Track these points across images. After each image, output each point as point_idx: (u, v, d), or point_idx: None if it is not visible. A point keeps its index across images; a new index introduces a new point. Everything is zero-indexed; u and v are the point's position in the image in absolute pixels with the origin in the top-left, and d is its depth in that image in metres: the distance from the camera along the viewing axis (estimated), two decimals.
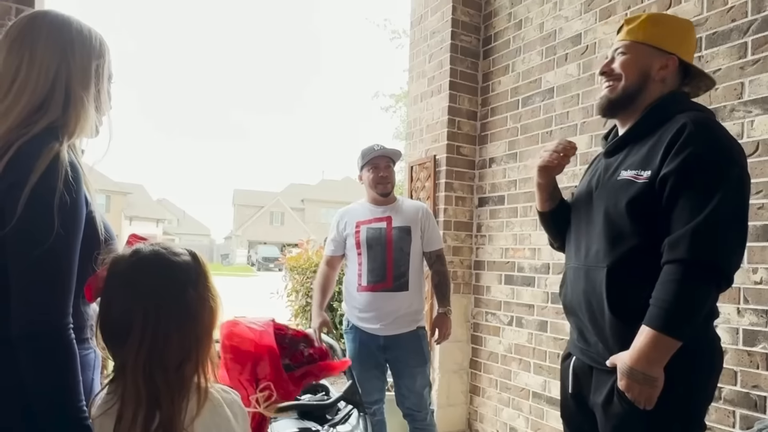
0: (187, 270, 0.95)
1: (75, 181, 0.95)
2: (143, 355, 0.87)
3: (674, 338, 1.14)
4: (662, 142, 1.23)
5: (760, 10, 1.98)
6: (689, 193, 1.16)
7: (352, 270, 2.50)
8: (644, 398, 1.19)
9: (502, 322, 3.14)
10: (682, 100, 1.34)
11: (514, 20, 3.18)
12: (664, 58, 1.33)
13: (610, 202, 1.31)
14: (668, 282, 1.15)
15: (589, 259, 1.36)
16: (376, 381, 2.48)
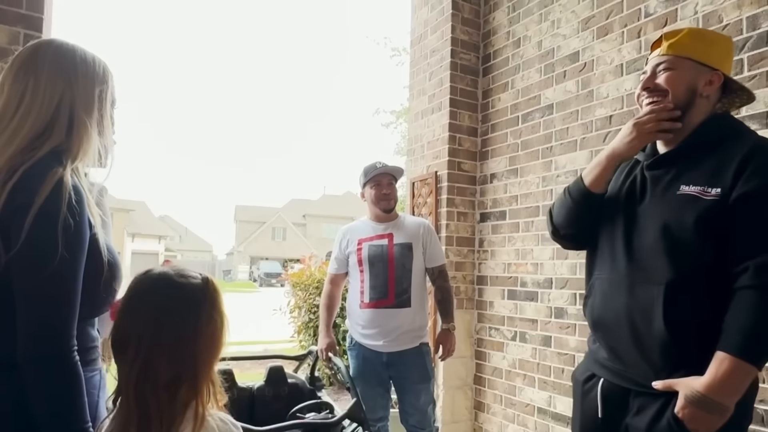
0: (191, 292, 0.95)
1: (78, 204, 0.96)
2: (136, 370, 0.88)
3: (755, 366, 1.11)
4: (731, 160, 1.18)
5: (756, 27, 2.01)
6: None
7: (355, 287, 2.51)
8: (706, 428, 1.14)
9: (505, 338, 3.13)
10: (733, 119, 1.32)
11: (513, 38, 3.23)
12: (710, 74, 1.28)
13: (672, 216, 1.23)
14: (751, 307, 1.11)
15: (636, 273, 1.27)
16: (380, 398, 2.47)
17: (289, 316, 5.42)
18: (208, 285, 0.98)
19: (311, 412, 2.02)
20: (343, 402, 4.06)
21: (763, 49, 1.98)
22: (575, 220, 1.45)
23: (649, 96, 1.33)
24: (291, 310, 5.40)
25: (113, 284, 1.08)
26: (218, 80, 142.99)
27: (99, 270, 1.02)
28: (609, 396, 1.33)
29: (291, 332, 5.48)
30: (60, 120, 1.02)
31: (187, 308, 0.94)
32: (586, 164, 2.66)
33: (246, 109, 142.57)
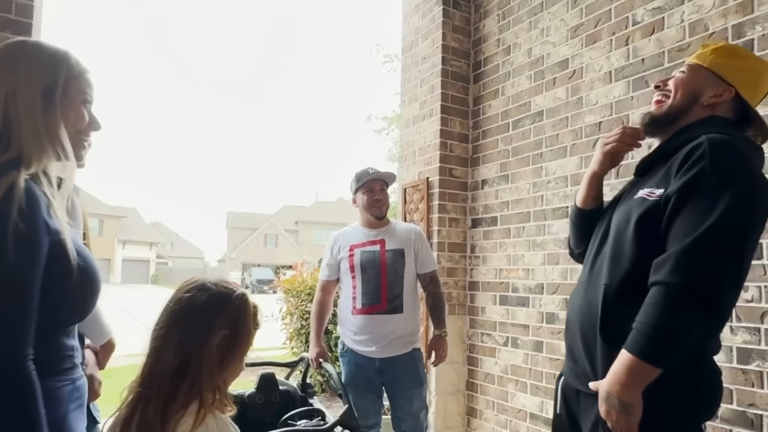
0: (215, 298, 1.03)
1: (31, 208, 0.93)
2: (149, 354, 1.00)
3: (651, 364, 1.08)
4: (678, 160, 1.18)
5: (741, 35, 2.05)
6: (686, 212, 1.11)
7: (347, 293, 2.51)
8: (624, 427, 1.13)
9: (497, 343, 3.14)
10: (716, 122, 1.26)
11: (503, 46, 3.26)
12: (721, 88, 1.28)
13: (623, 218, 1.27)
14: (650, 305, 1.10)
15: (593, 274, 1.32)
16: (372, 405, 2.46)
17: (281, 323, 5.39)
18: (236, 297, 1.05)
19: (303, 419, 2.01)
20: (335, 409, 4.04)
21: None
22: (580, 238, 1.51)
23: (657, 93, 1.37)
24: (283, 317, 5.37)
25: (87, 289, 1.05)
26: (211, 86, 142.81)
27: (67, 276, 0.98)
28: (566, 395, 1.38)
29: (283, 339, 5.45)
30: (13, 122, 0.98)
31: (205, 310, 1.01)
32: (576, 170, 2.70)
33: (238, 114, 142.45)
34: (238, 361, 1.05)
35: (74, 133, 1.07)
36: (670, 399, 1.14)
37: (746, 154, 1.16)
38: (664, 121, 1.32)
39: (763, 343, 1.89)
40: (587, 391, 1.25)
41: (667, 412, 1.15)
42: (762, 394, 1.88)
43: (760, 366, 1.89)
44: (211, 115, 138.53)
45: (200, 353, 0.98)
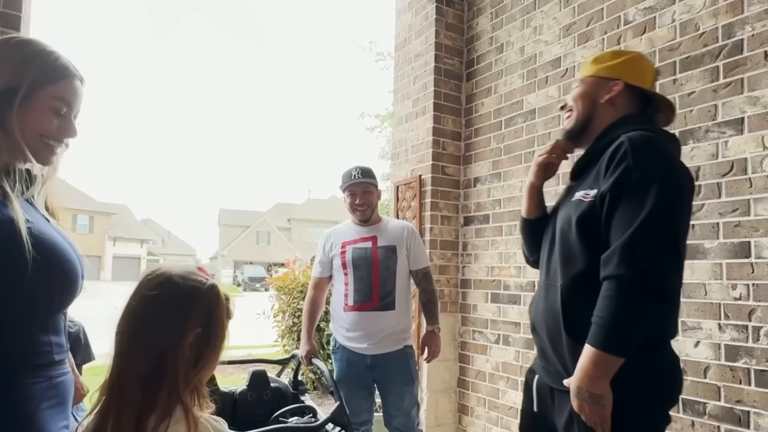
0: (185, 293, 0.94)
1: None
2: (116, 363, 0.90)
3: (613, 355, 1.15)
4: (604, 161, 1.27)
5: (731, 35, 2.06)
6: (621, 209, 1.20)
7: (339, 290, 2.51)
8: (597, 418, 1.18)
9: (489, 341, 3.15)
10: (631, 121, 1.36)
11: (496, 44, 3.27)
12: (610, 84, 1.41)
13: (565, 221, 1.35)
14: (603, 299, 1.17)
15: (550, 277, 1.39)
16: (364, 401, 2.47)
17: (273, 321, 5.38)
18: (208, 290, 0.96)
19: (294, 416, 2.00)
20: (327, 406, 4.04)
21: (738, 57, 2.03)
22: (532, 246, 1.60)
23: (564, 112, 1.52)
24: (275, 314, 5.36)
25: (54, 283, 1.00)
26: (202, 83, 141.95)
27: (21, 267, 0.93)
28: (541, 392, 1.43)
29: (275, 336, 5.44)
30: None
31: (175, 308, 0.92)
32: (568, 169, 2.70)
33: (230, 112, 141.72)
34: (214, 358, 0.97)
35: (37, 136, 1.03)
36: (631, 388, 1.20)
37: (663, 146, 1.27)
38: (578, 130, 1.45)
39: (751, 340, 1.91)
40: (561, 388, 1.29)
41: (629, 401, 1.20)
42: (749, 391, 1.90)
43: (748, 363, 1.91)
44: (202, 112, 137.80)
45: (174, 356, 0.89)
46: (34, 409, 0.96)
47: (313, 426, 1.82)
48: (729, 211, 2.01)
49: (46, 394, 0.99)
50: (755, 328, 1.91)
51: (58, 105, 1.05)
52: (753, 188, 1.96)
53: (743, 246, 1.97)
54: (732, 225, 2.00)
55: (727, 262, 2.00)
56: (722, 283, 2.01)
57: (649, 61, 1.48)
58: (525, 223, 1.63)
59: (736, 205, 2.00)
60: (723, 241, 2.03)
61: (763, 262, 1.90)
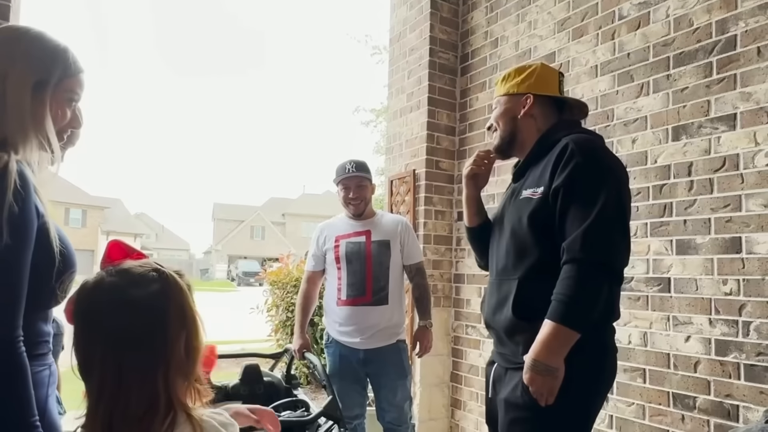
0: (153, 305, 0.83)
1: (24, 190, 0.94)
2: (101, 408, 0.79)
3: (572, 329, 1.26)
4: (551, 161, 1.41)
5: (724, 31, 2.06)
6: (577, 201, 1.32)
7: (332, 284, 2.50)
8: (546, 390, 1.28)
9: (482, 335, 3.16)
10: (568, 126, 1.53)
11: (491, 38, 3.26)
12: (523, 99, 1.56)
13: (515, 219, 1.48)
14: (566, 279, 1.29)
15: (500, 273, 1.51)
16: (357, 395, 2.47)
17: (267, 315, 5.37)
18: (169, 288, 0.85)
19: (287, 410, 2.00)
20: (321, 400, 4.04)
21: (731, 53, 2.03)
22: (482, 251, 1.70)
23: (490, 132, 1.67)
24: (268, 309, 5.36)
25: (65, 276, 1.04)
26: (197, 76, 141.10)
27: (50, 260, 0.98)
28: (496, 379, 1.54)
29: (268, 331, 5.43)
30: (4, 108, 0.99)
31: (152, 329, 0.82)
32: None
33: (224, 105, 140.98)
34: (201, 347, 0.88)
35: (57, 130, 1.08)
36: (579, 364, 1.30)
37: (601, 143, 1.48)
38: (506, 145, 1.60)
39: (741, 335, 1.93)
40: (514, 366, 1.42)
41: (576, 376, 1.30)
42: (739, 385, 1.91)
43: (737, 358, 1.93)
44: (197, 105, 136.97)
45: (167, 377, 0.81)
46: (45, 395, 1.01)
47: (305, 420, 1.82)
48: (721, 207, 2.02)
49: (49, 380, 1.03)
50: (745, 323, 1.92)
51: (73, 98, 1.11)
52: (745, 184, 1.97)
53: (734, 241, 1.98)
54: (723, 220, 2.01)
55: (719, 258, 2.02)
56: (713, 279, 2.02)
57: (551, 69, 1.64)
58: (470, 232, 1.75)
59: (727, 200, 2.01)
60: (714, 236, 2.04)
61: (754, 257, 1.92)
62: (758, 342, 1.88)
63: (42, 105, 1.04)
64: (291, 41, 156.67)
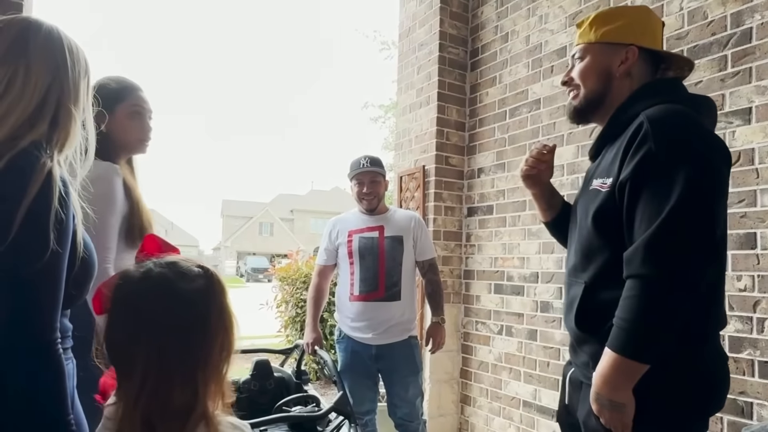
0: (199, 300, 0.83)
1: (67, 197, 0.94)
2: (143, 402, 0.78)
3: (636, 361, 1.04)
4: (623, 144, 1.14)
5: (739, 24, 2.03)
6: (644, 199, 1.07)
7: (344, 279, 2.50)
8: (617, 425, 1.09)
9: (492, 332, 3.15)
10: (649, 93, 1.21)
11: (501, 33, 3.23)
12: (623, 52, 1.24)
13: (582, 213, 1.25)
14: (626, 299, 1.05)
15: (570, 272, 1.30)
16: (368, 391, 2.47)
17: (276, 311, 5.40)
18: (213, 285, 0.85)
19: (297, 405, 2.01)
20: (331, 396, 4.06)
21: (746, 46, 2.00)
22: (565, 241, 1.47)
23: (568, 90, 1.35)
24: (278, 305, 5.38)
25: (84, 280, 1.06)
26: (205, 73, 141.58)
27: (73, 264, 0.99)
28: (573, 384, 1.32)
29: (278, 327, 5.46)
30: (45, 110, 0.98)
31: (196, 325, 0.81)
32: (573, 159, 2.70)
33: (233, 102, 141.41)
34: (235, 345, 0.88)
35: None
36: (664, 392, 1.09)
37: (689, 119, 1.11)
38: (588, 109, 1.30)
39: (755, 331, 1.91)
40: (588, 382, 1.21)
41: (662, 408, 1.10)
42: (753, 382, 1.89)
43: (752, 354, 1.91)
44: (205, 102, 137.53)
45: (205, 372, 0.80)
46: (72, 388, 1.03)
47: (316, 415, 1.82)
48: (735, 202, 2.00)
49: (73, 373, 1.06)
50: (760, 320, 1.90)
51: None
52: (760, 179, 1.94)
53: (749, 237, 1.95)
54: (738, 216, 1.99)
55: (733, 253, 1.99)
56: (727, 275, 2.00)
57: (655, 13, 1.33)
58: (547, 227, 1.58)
59: (742, 195, 1.98)
60: (729, 232, 2.01)
61: None
62: None
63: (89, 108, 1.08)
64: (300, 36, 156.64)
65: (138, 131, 1.59)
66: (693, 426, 1.14)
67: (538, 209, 1.55)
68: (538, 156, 1.46)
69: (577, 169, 2.66)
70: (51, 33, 1.02)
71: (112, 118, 1.51)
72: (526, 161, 1.47)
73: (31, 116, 0.96)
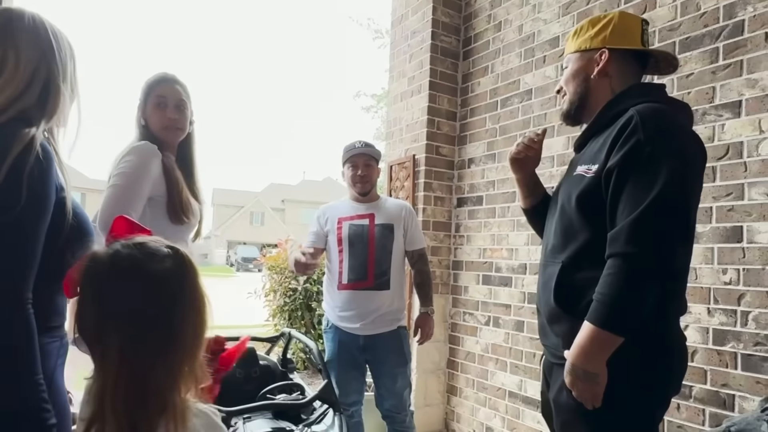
0: (170, 280, 0.81)
1: (45, 159, 1.00)
2: (122, 384, 0.76)
3: (613, 333, 1.12)
4: (611, 135, 1.22)
5: (732, 16, 2.02)
6: (630, 185, 1.15)
7: (333, 268, 2.46)
8: (589, 396, 1.16)
9: (479, 322, 3.16)
10: (636, 93, 1.31)
11: (494, 22, 3.21)
12: (596, 55, 1.35)
13: (565, 196, 1.33)
14: (607, 276, 1.13)
15: (547, 254, 1.38)
16: (355, 382, 2.45)
17: (264, 300, 5.37)
18: (183, 265, 0.84)
19: (282, 393, 2.00)
20: (317, 385, 4.05)
21: (738, 39, 2.00)
22: (542, 231, 1.55)
23: (560, 96, 1.48)
24: (266, 294, 5.35)
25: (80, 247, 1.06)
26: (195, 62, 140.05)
27: (61, 232, 1.04)
28: (546, 371, 1.41)
29: (266, 316, 5.43)
30: (33, 87, 1.07)
31: (166, 306, 0.80)
32: (563, 150, 2.69)
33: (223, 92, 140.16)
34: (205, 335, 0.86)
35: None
36: (631, 368, 1.16)
37: (674, 118, 1.22)
38: (576, 110, 1.42)
39: (739, 324, 1.92)
40: (559, 362, 1.28)
41: (629, 382, 1.17)
42: (735, 375, 1.91)
43: (735, 347, 1.92)
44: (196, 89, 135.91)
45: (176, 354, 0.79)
46: (53, 366, 1.05)
47: (300, 403, 1.82)
48: (723, 195, 2.00)
49: (59, 352, 1.08)
50: (744, 313, 1.91)
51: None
52: (748, 172, 1.94)
53: (735, 230, 1.96)
54: (725, 209, 1.99)
55: (719, 247, 2.00)
56: (713, 268, 2.01)
57: (632, 16, 1.40)
58: (527, 213, 1.64)
59: (730, 189, 1.98)
60: (715, 225, 2.02)
61: (755, 246, 1.90)
62: (756, 332, 1.87)
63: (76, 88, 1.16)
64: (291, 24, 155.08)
65: (161, 119, 1.71)
66: (656, 402, 1.22)
67: (519, 195, 1.62)
68: (529, 142, 1.54)
69: (567, 161, 2.64)
70: (34, 19, 1.11)
71: (146, 110, 1.71)
72: (517, 145, 1.55)
73: (21, 93, 1.05)
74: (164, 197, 1.64)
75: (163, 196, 1.63)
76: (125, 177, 1.54)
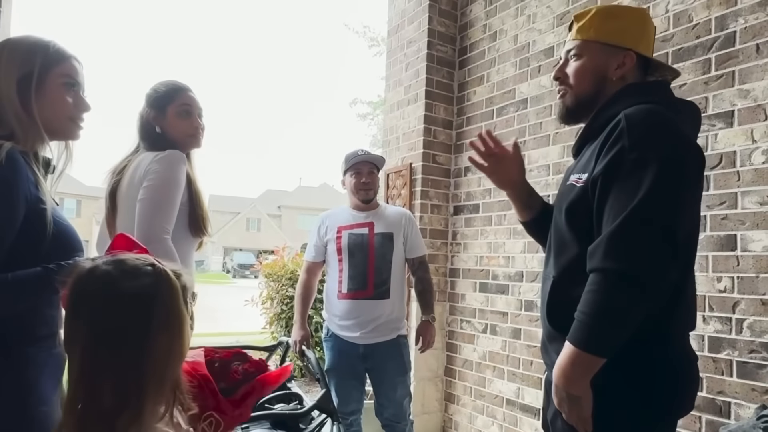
0: (141, 298, 0.79)
1: (12, 170, 1.01)
2: (77, 398, 0.76)
3: (593, 355, 1.03)
4: (600, 141, 1.13)
5: (724, 27, 2.05)
6: (613, 195, 1.06)
7: (333, 277, 2.45)
8: (575, 419, 1.08)
9: (476, 330, 3.16)
10: (630, 93, 1.19)
11: (489, 32, 3.24)
12: (621, 55, 1.20)
13: (558, 208, 1.25)
14: (587, 293, 1.04)
15: (545, 268, 1.30)
16: (355, 391, 2.43)
17: (261, 308, 5.36)
18: (160, 284, 0.81)
19: (280, 402, 1.99)
20: (315, 394, 4.04)
21: (730, 50, 2.03)
22: (543, 244, 1.45)
23: (558, 86, 1.30)
24: (263, 301, 5.34)
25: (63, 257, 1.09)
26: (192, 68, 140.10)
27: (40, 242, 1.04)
28: (548, 386, 1.28)
29: (263, 323, 5.43)
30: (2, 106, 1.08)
31: (132, 324, 0.78)
32: (559, 159, 2.71)
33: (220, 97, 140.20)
34: (185, 350, 0.84)
35: (66, 119, 1.17)
36: (630, 391, 1.08)
37: (666, 119, 1.10)
38: (578, 109, 1.27)
39: (734, 332, 1.93)
40: None
41: (628, 407, 1.08)
42: (731, 382, 1.92)
43: (730, 355, 1.93)
44: None
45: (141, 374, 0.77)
46: (36, 376, 1.05)
47: (298, 412, 1.81)
48: (716, 204, 2.02)
49: (45, 362, 1.07)
50: (738, 320, 1.92)
51: (69, 82, 1.18)
52: (741, 181, 1.96)
53: (729, 239, 1.98)
54: (719, 218, 2.01)
55: (714, 255, 2.02)
56: (707, 276, 2.02)
57: (651, 18, 1.29)
58: (524, 227, 1.53)
59: (723, 198, 2.00)
60: (710, 233, 2.04)
61: (749, 255, 1.92)
62: (751, 339, 1.88)
63: (29, 99, 1.10)
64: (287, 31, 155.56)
65: (187, 127, 1.70)
66: (656, 427, 1.12)
67: (516, 209, 1.51)
68: (478, 145, 1.42)
69: (563, 169, 2.67)
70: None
71: (165, 119, 1.67)
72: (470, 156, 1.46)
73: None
74: (186, 206, 1.62)
75: (185, 205, 1.61)
76: (162, 188, 1.50)
